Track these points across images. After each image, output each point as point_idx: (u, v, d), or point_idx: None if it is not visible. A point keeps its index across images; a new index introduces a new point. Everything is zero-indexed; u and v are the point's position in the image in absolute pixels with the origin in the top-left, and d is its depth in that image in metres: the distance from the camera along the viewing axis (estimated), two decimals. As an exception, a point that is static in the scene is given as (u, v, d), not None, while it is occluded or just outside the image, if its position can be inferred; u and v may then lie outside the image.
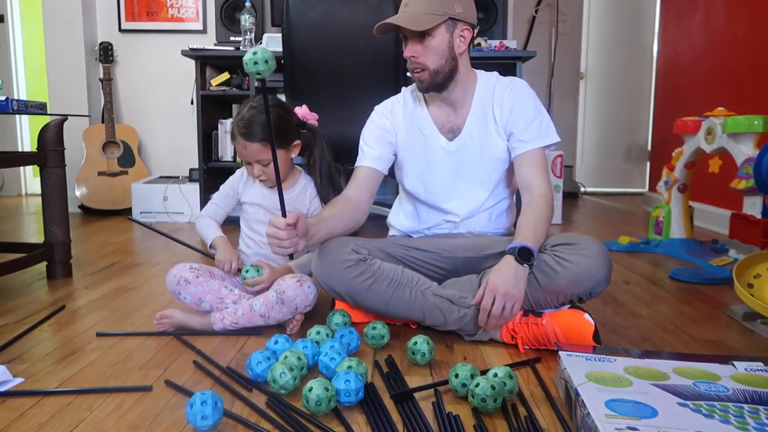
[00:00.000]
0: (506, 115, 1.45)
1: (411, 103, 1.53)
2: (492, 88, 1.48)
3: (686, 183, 2.51)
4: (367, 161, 1.51)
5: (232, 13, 3.43)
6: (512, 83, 1.48)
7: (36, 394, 1.10)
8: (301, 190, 1.58)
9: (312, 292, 1.43)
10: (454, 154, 1.48)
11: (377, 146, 1.51)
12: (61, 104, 3.55)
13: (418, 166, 1.51)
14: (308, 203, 1.58)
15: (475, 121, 1.47)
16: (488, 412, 1.02)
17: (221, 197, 1.63)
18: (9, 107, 1.75)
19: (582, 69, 4.74)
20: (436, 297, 1.37)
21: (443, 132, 1.49)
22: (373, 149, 1.51)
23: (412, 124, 1.51)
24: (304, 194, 1.58)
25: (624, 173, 4.88)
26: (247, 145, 1.47)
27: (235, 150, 3.24)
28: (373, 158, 1.51)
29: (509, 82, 1.49)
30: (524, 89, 1.48)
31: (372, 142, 1.52)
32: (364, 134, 1.54)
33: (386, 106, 1.55)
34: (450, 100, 1.47)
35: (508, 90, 1.46)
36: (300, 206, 1.57)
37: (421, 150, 1.50)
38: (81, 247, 2.54)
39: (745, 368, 1.05)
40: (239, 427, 0.99)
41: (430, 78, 1.40)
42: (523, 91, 1.47)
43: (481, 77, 1.50)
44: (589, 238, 1.35)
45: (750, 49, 2.86)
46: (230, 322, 1.42)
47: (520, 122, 1.44)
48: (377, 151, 1.51)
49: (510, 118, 1.45)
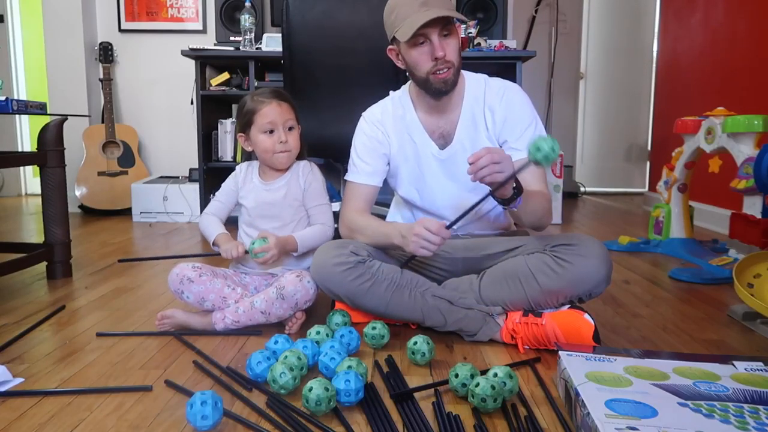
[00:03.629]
0: (499, 123, 1.43)
1: (400, 108, 1.50)
2: (482, 93, 1.44)
3: (686, 183, 2.51)
4: (364, 178, 1.50)
5: (231, 13, 3.43)
6: (504, 88, 1.45)
7: (36, 394, 1.10)
8: (292, 171, 1.59)
9: (312, 287, 1.43)
10: (445, 162, 1.47)
11: (372, 160, 1.50)
12: (61, 104, 3.55)
13: (411, 174, 1.50)
14: (302, 182, 1.58)
15: (465, 127, 1.45)
16: (488, 412, 1.02)
17: (223, 193, 1.64)
18: (9, 107, 1.75)
19: (582, 69, 4.74)
20: (435, 298, 1.37)
21: (434, 138, 1.47)
22: (367, 164, 1.50)
23: (402, 130, 1.49)
24: (296, 174, 1.58)
25: (624, 173, 4.88)
26: (281, 104, 1.51)
27: (235, 149, 3.27)
28: (369, 174, 1.50)
29: (501, 86, 1.45)
30: (517, 94, 1.45)
31: (366, 157, 1.50)
32: (357, 147, 1.52)
33: (375, 114, 1.52)
34: (441, 105, 1.44)
35: (500, 96, 1.43)
36: (295, 189, 1.57)
37: (413, 157, 1.49)
38: (81, 247, 2.53)
39: (745, 368, 1.05)
40: (239, 427, 0.99)
41: (454, 77, 1.37)
42: (516, 97, 1.44)
43: (469, 80, 1.47)
44: (588, 239, 1.34)
45: (750, 49, 2.86)
46: (231, 321, 1.42)
47: (515, 130, 1.42)
48: (372, 167, 1.50)
49: (504, 126, 1.42)
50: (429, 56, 1.34)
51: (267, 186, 1.57)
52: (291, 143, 1.52)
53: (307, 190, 1.57)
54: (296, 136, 1.55)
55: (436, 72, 1.35)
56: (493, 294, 1.36)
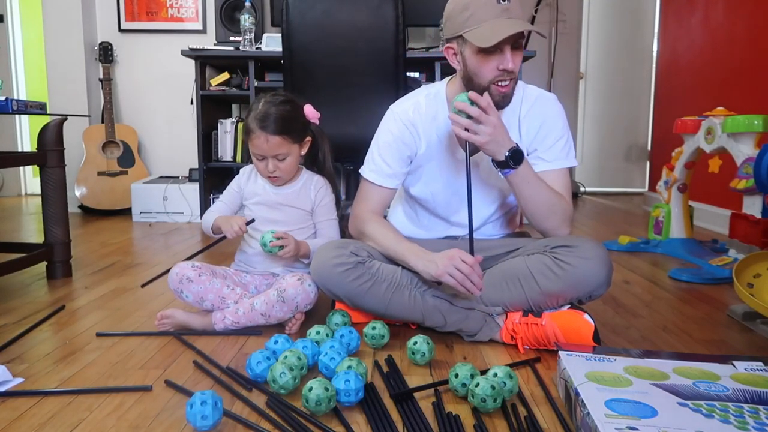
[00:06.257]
0: (533, 132, 1.39)
1: (433, 107, 1.42)
2: (518, 102, 1.39)
3: (686, 183, 2.51)
4: (382, 179, 1.45)
5: (231, 13, 3.43)
6: (541, 97, 1.41)
7: (36, 394, 1.10)
8: (304, 183, 1.58)
9: (313, 291, 1.42)
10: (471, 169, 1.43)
11: (393, 162, 1.43)
12: (61, 104, 3.55)
13: (431, 175, 1.45)
14: (313, 196, 1.57)
15: None
16: (488, 412, 1.02)
17: (227, 194, 1.62)
18: (9, 107, 1.75)
19: (582, 69, 4.74)
20: (435, 298, 1.37)
21: (463, 143, 1.39)
22: (388, 166, 1.44)
23: (432, 131, 1.42)
24: (307, 187, 1.57)
25: (624, 173, 4.88)
26: (268, 138, 1.44)
27: (234, 149, 3.27)
28: (387, 176, 1.44)
29: (538, 95, 1.41)
30: (554, 104, 1.41)
31: (388, 157, 1.43)
32: (380, 144, 1.45)
33: (407, 112, 1.43)
34: None
35: (538, 104, 1.40)
36: (304, 200, 1.56)
37: (438, 158, 1.44)
38: (81, 247, 2.54)
39: (745, 368, 1.05)
40: (239, 427, 0.99)
41: (512, 91, 1.31)
42: (553, 107, 1.40)
43: None
44: (589, 241, 1.33)
45: (750, 49, 2.86)
46: (231, 322, 1.42)
47: (546, 140, 1.39)
48: (392, 169, 1.44)
49: (537, 135, 1.39)
50: (495, 65, 1.26)
51: (276, 190, 1.56)
52: (281, 171, 1.50)
53: (318, 205, 1.57)
54: (290, 162, 1.50)
55: (498, 83, 1.28)
56: (493, 295, 1.36)
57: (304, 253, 1.51)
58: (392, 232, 1.44)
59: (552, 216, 1.36)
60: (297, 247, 1.47)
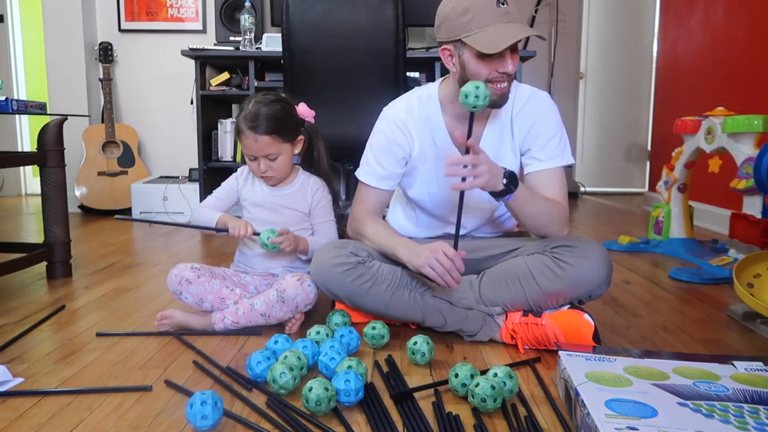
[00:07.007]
0: (525, 132, 1.39)
1: (425, 108, 1.42)
2: (511, 100, 1.37)
3: (686, 183, 2.51)
4: (376, 181, 1.45)
5: (231, 13, 3.43)
6: (534, 95, 1.40)
7: (36, 394, 1.10)
8: (301, 185, 1.57)
9: (313, 291, 1.42)
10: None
11: (387, 163, 1.43)
12: (61, 104, 3.55)
13: (427, 176, 1.45)
14: (310, 198, 1.57)
15: (491, 136, 1.40)
16: (488, 412, 1.02)
17: (222, 191, 1.61)
18: (9, 107, 1.75)
19: (582, 69, 4.74)
20: (435, 298, 1.37)
21: (457, 144, 1.40)
22: (382, 168, 1.43)
23: (425, 132, 1.42)
24: (304, 189, 1.57)
25: (624, 173, 4.88)
26: (257, 138, 1.44)
27: (234, 149, 3.27)
28: (382, 178, 1.44)
29: (531, 94, 1.40)
30: (547, 103, 1.40)
31: (382, 159, 1.43)
32: (374, 146, 1.45)
33: (399, 114, 1.42)
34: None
35: (530, 103, 1.39)
36: (301, 201, 1.56)
37: (432, 160, 1.43)
38: (81, 247, 2.54)
39: (745, 368, 1.05)
40: (239, 427, 0.99)
41: (509, 91, 1.30)
42: (544, 107, 1.39)
43: None
44: (589, 240, 1.33)
45: (750, 49, 2.86)
46: (231, 322, 1.42)
47: (540, 139, 1.38)
48: (386, 170, 1.44)
49: (529, 134, 1.38)
50: (495, 68, 1.25)
51: (273, 191, 1.56)
52: (274, 171, 1.49)
53: (315, 207, 1.57)
54: (282, 162, 1.49)
55: (497, 84, 1.27)
56: (493, 294, 1.36)
57: (302, 248, 1.51)
58: (385, 228, 1.45)
59: (551, 224, 1.36)
60: (296, 240, 1.47)
